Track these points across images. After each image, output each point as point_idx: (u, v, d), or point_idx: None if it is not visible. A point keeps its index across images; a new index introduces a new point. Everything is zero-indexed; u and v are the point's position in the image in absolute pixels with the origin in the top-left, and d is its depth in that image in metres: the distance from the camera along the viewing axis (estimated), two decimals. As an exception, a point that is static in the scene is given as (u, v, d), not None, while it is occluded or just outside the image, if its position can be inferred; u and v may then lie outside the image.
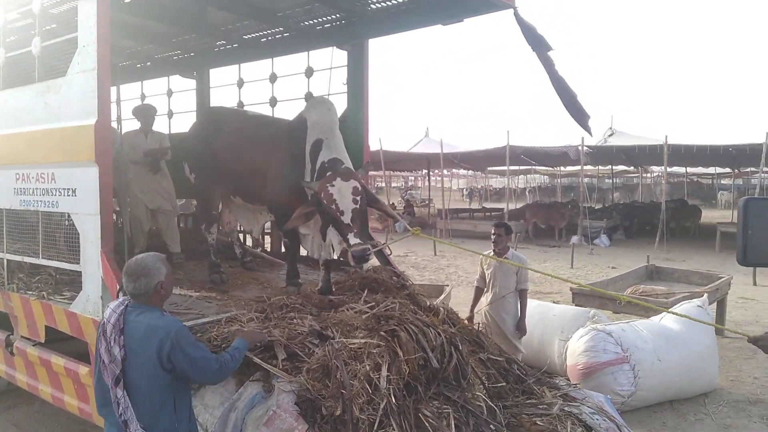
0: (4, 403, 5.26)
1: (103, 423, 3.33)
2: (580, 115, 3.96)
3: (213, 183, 4.73)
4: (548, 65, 3.88)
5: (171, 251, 5.39)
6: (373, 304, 3.42)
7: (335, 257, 3.79)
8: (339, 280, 4.02)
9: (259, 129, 4.45)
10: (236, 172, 4.45)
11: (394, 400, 2.75)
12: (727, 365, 6.15)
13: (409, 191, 28.19)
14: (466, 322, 4.48)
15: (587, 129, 4.09)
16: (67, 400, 3.84)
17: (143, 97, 6.88)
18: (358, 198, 3.48)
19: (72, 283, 4.01)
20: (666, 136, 15.17)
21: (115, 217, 5.55)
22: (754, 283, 10.81)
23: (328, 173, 3.60)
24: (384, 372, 2.84)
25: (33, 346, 4.09)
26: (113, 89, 4.50)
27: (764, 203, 1.65)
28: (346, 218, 3.43)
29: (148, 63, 6.77)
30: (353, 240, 3.40)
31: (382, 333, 3.08)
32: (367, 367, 2.86)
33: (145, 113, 5.63)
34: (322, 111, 3.98)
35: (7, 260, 4.28)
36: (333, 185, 3.48)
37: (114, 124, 4.21)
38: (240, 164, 4.38)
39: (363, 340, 3.03)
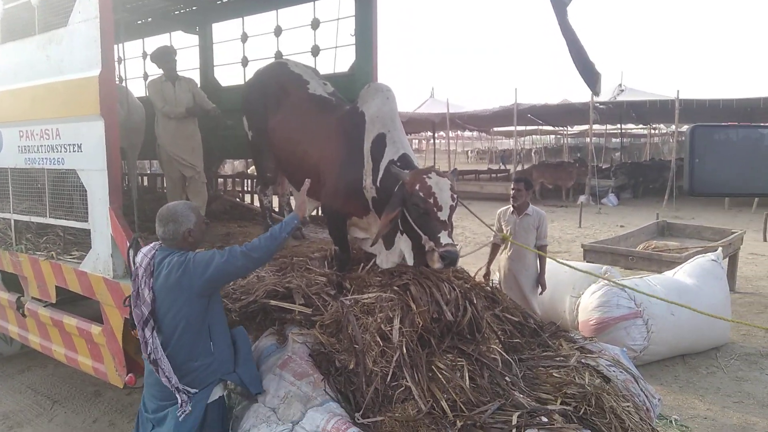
0: (18, 365, 5.33)
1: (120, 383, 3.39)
2: (588, 73, 3.37)
3: (266, 151, 4.42)
4: (561, 14, 3.57)
5: None
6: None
7: (410, 263, 3.24)
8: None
9: (317, 116, 3.96)
10: (286, 158, 4.11)
11: (406, 352, 2.73)
12: (738, 319, 6.14)
13: None
14: (482, 277, 4.46)
15: (594, 89, 3.49)
16: (81, 360, 3.85)
17: (145, 55, 6.70)
18: (455, 196, 3.09)
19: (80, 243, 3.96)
20: (678, 92, 14.90)
21: (126, 182, 5.48)
22: (765, 239, 10.77)
23: (412, 169, 3.18)
24: (396, 324, 2.81)
25: (44, 306, 4.08)
26: (116, 47, 4.32)
27: (711, 130, 1.50)
28: (443, 214, 2.98)
29: (149, 19, 6.58)
30: (445, 239, 2.93)
31: (395, 287, 3.05)
32: (379, 320, 2.83)
33: (166, 56, 4.96)
34: (382, 101, 3.56)
35: (15, 220, 4.24)
36: (430, 177, 3.02)
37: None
38: (291, 152, 4.01)
39: (375, 294, 3.01)
